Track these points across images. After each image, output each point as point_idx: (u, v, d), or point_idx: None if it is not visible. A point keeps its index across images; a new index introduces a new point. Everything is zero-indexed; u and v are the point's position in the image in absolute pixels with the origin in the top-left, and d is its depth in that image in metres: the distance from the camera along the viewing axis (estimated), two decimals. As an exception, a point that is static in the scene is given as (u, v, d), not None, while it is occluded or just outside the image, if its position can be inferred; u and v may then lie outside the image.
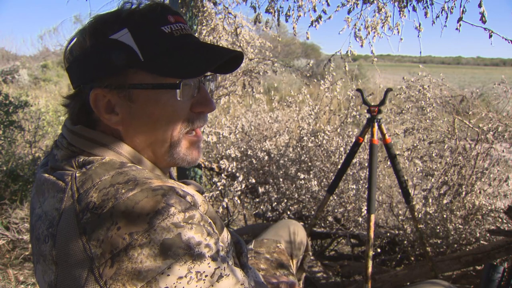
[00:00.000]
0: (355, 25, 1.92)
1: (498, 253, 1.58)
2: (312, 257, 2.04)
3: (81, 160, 0.60)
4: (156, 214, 0.51)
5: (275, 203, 2.33)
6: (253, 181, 2.34)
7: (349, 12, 1.89)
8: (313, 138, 2.35)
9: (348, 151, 1.74)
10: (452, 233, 1.87)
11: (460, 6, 1.52)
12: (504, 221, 1.82)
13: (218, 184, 2.32)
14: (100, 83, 0.61)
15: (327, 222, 2.28)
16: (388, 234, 2.12)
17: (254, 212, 2.61)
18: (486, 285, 1.01)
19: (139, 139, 0.64)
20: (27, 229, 2.34)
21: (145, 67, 0.60)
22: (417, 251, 2.03)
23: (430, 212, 1.96)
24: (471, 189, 1.92)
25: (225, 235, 0.68)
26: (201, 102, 0.67)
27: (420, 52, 1.88)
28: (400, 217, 2.10)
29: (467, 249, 1.80)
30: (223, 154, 2.69)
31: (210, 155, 2.92)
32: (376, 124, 1.59)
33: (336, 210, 2.27)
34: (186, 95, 0.65)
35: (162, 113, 0.63)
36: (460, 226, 1.86)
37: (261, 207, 2.37)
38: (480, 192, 1.92)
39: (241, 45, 2.54)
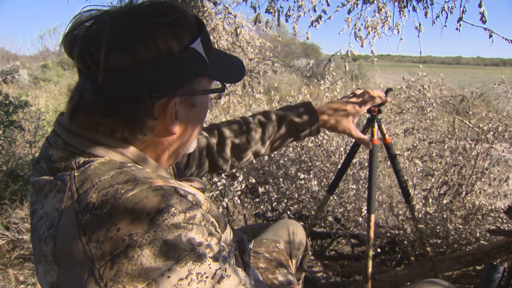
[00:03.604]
0: (355, 25, 1.91)
1: (498, 253, 1.58)
2: (312, 257, 2.04)
3: (81, 161, 0.59)
4: (156, 214, 0.51)
5: (275, 203, 2.33)
6: (253, 181, 2.34)
7: (349, 12, 1.88)
8: (313, 138, 2.34)
9: (348, 151, 1.73)
10: (452, 233, 1.87)
11: (460, 6, 1.52)
12: (504, 221, 1.82)
13: (218, 184, 2.32)
14: (177, 91, 0.60)
15: (327, 222, 2.28)
16: (388, 234, 2.12)
17: (254, 212, 2.60)
18: (486, 285, 1.01)
19: (185, 139, 0.68)
20: (27, 229, 2.34)
21: (209, 74, 0.65)
22: (417, 251, 2.03)
23: (430, 212, 1.96)
24: (471, 189, 1.92)
25: (228, 233, 0.68)
26: None
27: (420, 52, 1.87)
28: (400, 217, 2.10)
29: (467, 249, 1.80)
30: (223, 154, 2.69)
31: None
32: (376, 124, 1.58)
33: (336, 210, 2.27)
34: None
35: (205, 113, 0.71)
36: (460, 226, 1.86)
37: (261, 207, 2.36)
38: (480, 192, 1.92)
39: (241, 45, 2.54)
